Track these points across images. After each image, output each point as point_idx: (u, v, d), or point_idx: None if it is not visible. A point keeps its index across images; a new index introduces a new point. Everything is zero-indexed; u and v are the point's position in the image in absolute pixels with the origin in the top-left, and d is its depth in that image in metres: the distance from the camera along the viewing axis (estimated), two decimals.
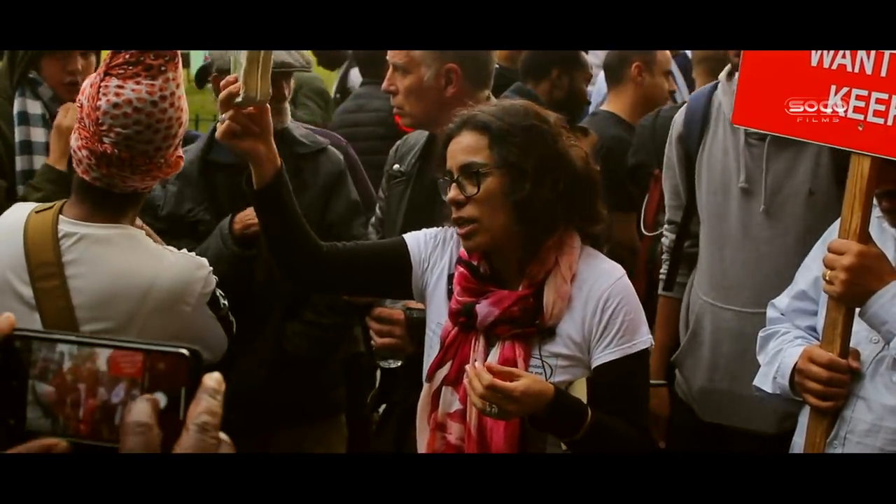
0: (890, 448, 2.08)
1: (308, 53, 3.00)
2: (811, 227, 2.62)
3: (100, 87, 2.00)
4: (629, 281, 2.13)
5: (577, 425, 1.95)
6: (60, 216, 2.08)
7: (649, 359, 2.14)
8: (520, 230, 2.04)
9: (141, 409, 0.76)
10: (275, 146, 2.12)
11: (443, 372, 2.08)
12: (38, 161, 2.92)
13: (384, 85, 2.71)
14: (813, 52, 2.17)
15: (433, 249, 2.19)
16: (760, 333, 2.40)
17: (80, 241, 2.06)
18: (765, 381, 2.30)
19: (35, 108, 2.99)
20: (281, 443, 2.93)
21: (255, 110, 2.05)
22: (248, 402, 2.74)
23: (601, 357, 2.05)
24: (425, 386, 2.13)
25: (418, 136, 2.82)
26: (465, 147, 2.05)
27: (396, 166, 2.80)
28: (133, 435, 0.74)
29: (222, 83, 2.07)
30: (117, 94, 1.98)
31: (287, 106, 2.96)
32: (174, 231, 2.76)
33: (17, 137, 2.95)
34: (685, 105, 3.02)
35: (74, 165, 2.11)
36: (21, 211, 2.16)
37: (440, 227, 2.23)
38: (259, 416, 2.79)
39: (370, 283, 2.28)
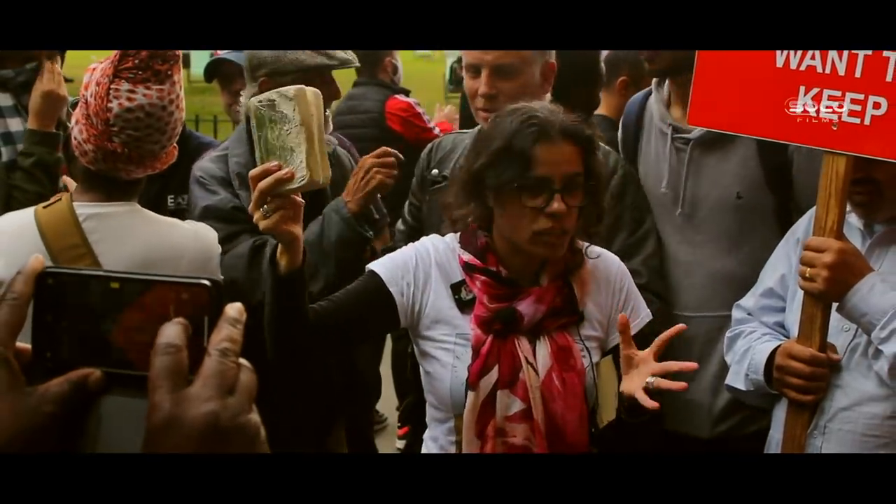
0: (870, 432, 2.14)
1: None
2: (742, 230, 2.62)
3: (109, 88, 2.12)
4: None
5: None
6: (74, 203, 2.20)
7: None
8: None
9: (172, 332, 0.79)
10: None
11: (491, 378, 2.02)
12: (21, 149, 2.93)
13: (484, 89, 2.50)
14: (778, 52, 2.20)
15: (413, 270, 2.11)
16: (727, 334, 2.44)
17: (103, 219, 2.20)
18: (736, 378, 2.35)
19: (6, 100, 3.02)
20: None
21: (296, 192, 1.90)
22: (316, 420, 2.79)
23: None
24: (470, 396, 2.04)
25: (455, 140, 2.74)
26: (567, 157, 1.99)
27: (435, 171, 2.69)
28: (163, 355, 0.78)
29: (259, 171, 1.87)
30: (129, 99, 2.11)
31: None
32: (259, 232, 2.73)
33: None
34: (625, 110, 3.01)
35: (78, 155, 2.22)
36: (23, 212, 2.26)
37: (406, 246, 2.19)
38: (320, 429, 2.86)
39: (361, 330, 2.19)
